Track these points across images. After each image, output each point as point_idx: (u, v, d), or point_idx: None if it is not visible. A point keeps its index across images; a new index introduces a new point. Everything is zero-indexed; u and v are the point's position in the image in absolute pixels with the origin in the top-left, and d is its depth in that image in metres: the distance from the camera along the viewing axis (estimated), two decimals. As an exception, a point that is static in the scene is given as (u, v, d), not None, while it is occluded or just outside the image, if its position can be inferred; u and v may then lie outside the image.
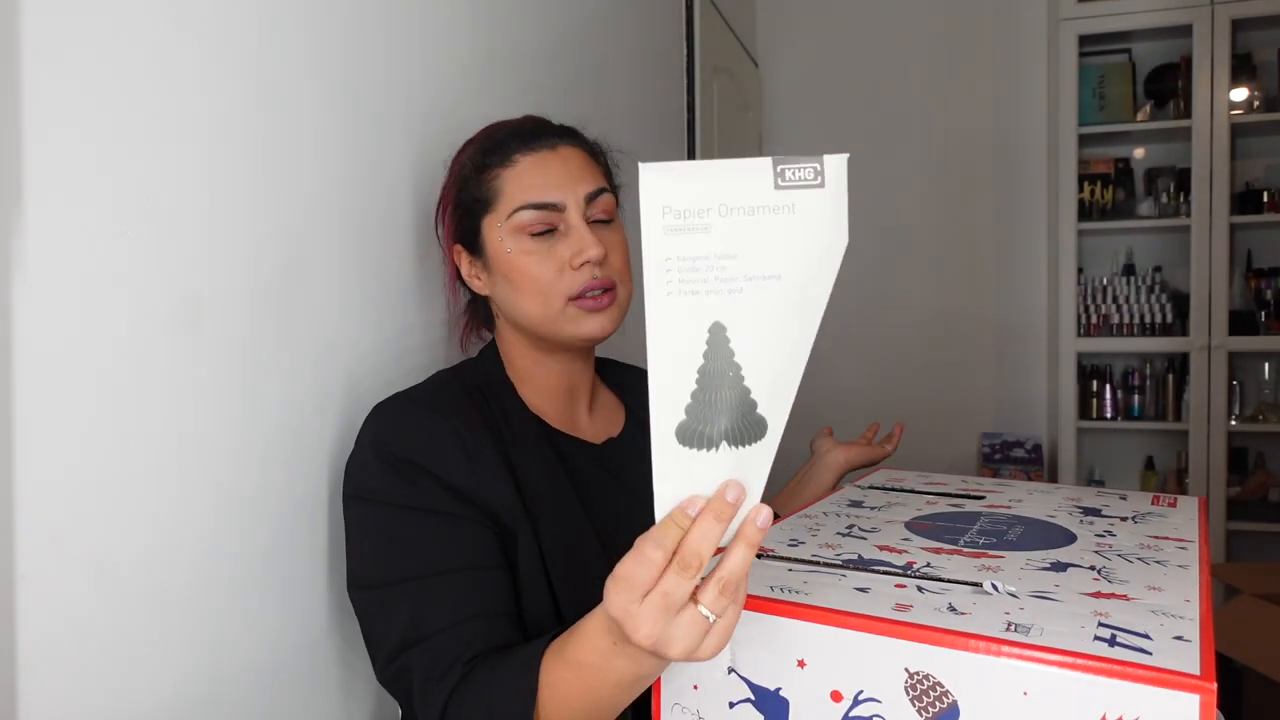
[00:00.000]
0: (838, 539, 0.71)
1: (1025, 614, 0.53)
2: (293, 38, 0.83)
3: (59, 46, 0.60)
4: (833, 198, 0.47)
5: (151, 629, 0.68)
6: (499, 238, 0.83)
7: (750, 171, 0.46)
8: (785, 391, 0.49)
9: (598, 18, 1.62)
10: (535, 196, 0.82)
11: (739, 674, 0.57)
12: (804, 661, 0.54)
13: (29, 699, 0.58)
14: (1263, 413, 2.67)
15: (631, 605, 0.49)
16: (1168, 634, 0.49)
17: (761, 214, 0.46)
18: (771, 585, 0.59)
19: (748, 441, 0.49)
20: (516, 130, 0.86)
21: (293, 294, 0.83)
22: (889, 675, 0.51)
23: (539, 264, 0.82)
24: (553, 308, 0.82)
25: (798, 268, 0.47)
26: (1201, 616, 0.53)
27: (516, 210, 0.82)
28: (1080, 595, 0.56)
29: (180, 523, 0.70)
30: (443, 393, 0.82)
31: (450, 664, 0.67)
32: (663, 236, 0.46)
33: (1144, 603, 0.55)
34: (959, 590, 0.57)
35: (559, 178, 0.82)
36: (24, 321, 0.58)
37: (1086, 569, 0.62)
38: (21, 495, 0.58)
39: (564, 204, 0.82)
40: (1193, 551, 0.68)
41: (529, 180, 0.82)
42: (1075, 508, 0.82)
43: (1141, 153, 2.89)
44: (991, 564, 0.63)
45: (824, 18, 3.10)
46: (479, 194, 0.85)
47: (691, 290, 0.46)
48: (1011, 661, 0.48)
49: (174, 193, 0.70)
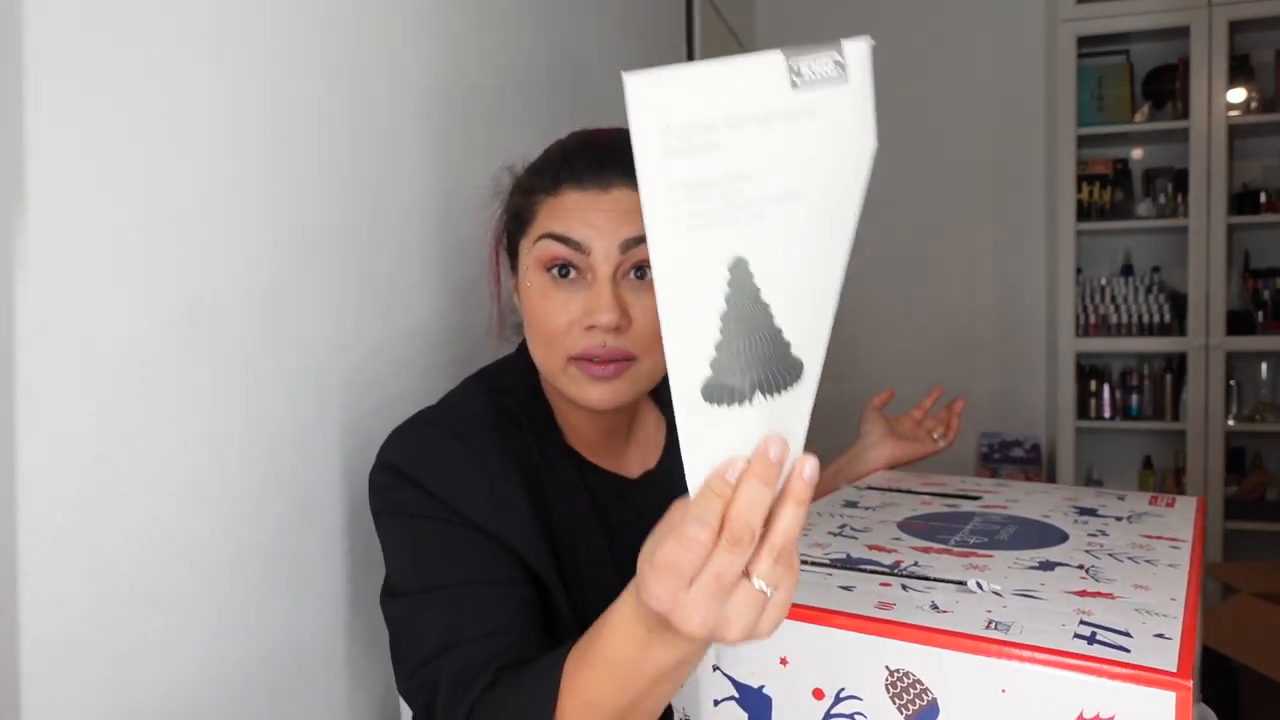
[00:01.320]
0: (828, 539, 0.72)
1: (1007, 612, 0.53)
2: (297, 38, 0.83)
3: (61, 46, 0.60)
4: (858, 93, 0.40)
5: (151, 629, 0.68)
6: (526, 267, 0.77)
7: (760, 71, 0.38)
8: (820, 326, 0.43)
9: (598, 18, 1.62)
10: (562, 229, 0.73)
11: (723, 671, 0.57)
12: (786, 659, 0.54)
13: (31, 698, 0.59)
14: (1260, 412, 2.67)
15: (679, 594, 0.44)
16: (1149, 632, 0.50)
17: (777, 121, 0.39)
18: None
19: (783, 388, 0.43)
20: (573, 154, 0.77)
21: (295, 295, 0.83)
22: (870, 673, 0.51)
23: (551, 311, 0.74)
24: (554, 362, 0.75)
25: (824, 181, 0.40)
26: (1186, 614, 0.53)
27: (541, 238, 0.75)
28: (1064, 594, 0.56)
29: (181, 523, 0.71)
30: (470, 419, 0.76)
31: (478, 672, 0.64)
32: (662, 161, 0.38)
33: (1129, 601, 0.55)
34: (943, 589, 0.58)
35: (598, 219, 0.73)
36: (26, 321, 0.58)
37: (1074, 568, 0.62)
38: (23, 495, 0.58)
39: (590, 247, 0.72)
40: (1185, 551, 0.67)
41: (564, 213, 0.74)
42: (1071, 507, 0.82)
43: (1140, 153, 2.89)
44: (979, 563, 0.63)
45: (823, 18, 3.10)
46: (520, 213, 0.79)
47: (704, 223, 0.39)
48: (989, 659, 0.48)
49: (177, 193, 0.70)
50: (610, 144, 0.77)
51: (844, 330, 2.87)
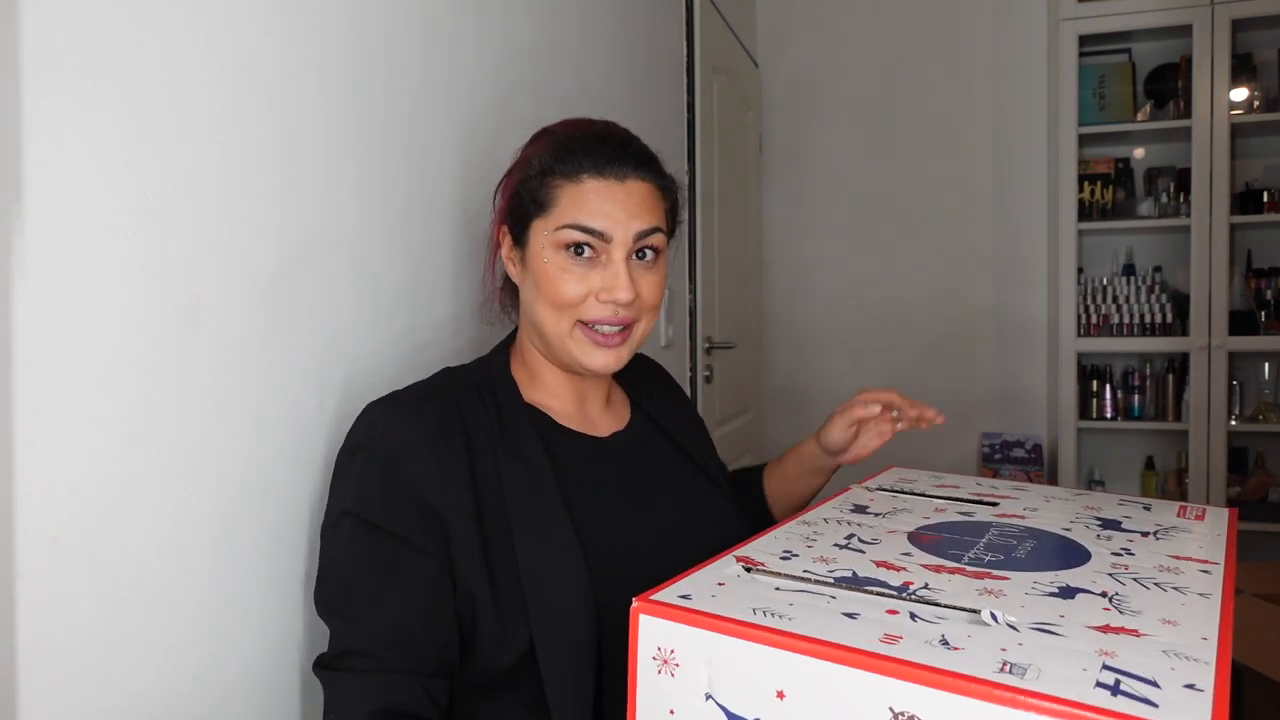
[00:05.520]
0: (834, 551, 0.68)
1: (1023, 650, 0.50)
2: (297, 37, 0.83)
3: (60, 45, 0.60)
4: None
5: (151, 629, 0.68)
6: (541, 244, 0.84)
7: None
8: None
9: (598, 18, 1.62)
10: (586, 220, 0.82)
11: (716, 701, 0.54)
12: (783, 693, 0.51)
13: (29, 699, 0.59)
14: (1263, 412, 2.67)
15: None
16: (1178, 681, 0.46)
17: None
18: (754, 607, 0.56)
19: None
20: (593, 145, 0.84)
21: (294, 294, 0.83)
22: (872, 713, 0.48)
23: (569, 283, 0.82)
24: (563, 325, 0.83)
25: None
26: (1219, 661, 0.49)
27: (564, 227, 0.82)
28: (1087, 629, 0.53)
29: (180, 523, 0.71)
30: (430, 396, 0.82)
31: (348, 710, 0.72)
32: None
33: (1156, 640, 0.51)
34: (955, 619, 0.54)
35: (617, 211, 0.82)
36: (24, 321, 0.58)
37: (1097, 595, 0.59)
38: (21, 495, 0.58)
39: (611, 236, 0.82)
40: (1216, 576, 0.63)
41: (586, 204, 0.82)
42: (1093, 519, 0.78)
43: (1141, 153, 2.89)
44: (994, 586, 0.60)
45: (824, 18, 3.10)
46: (537, 196, 0.85)
47: None
48: (1003, 709, 0.44)
49: (176, 192, 0.70)
50: (624, 138, 0.86)
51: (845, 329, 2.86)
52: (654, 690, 0.56)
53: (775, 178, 3.17)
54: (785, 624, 0.53)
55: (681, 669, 0.54)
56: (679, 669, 0.55)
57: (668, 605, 0.55)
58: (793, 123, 3.14)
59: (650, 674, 0.56)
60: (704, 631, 0.54)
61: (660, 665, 0.55)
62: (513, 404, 0.86)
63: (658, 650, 0.55)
